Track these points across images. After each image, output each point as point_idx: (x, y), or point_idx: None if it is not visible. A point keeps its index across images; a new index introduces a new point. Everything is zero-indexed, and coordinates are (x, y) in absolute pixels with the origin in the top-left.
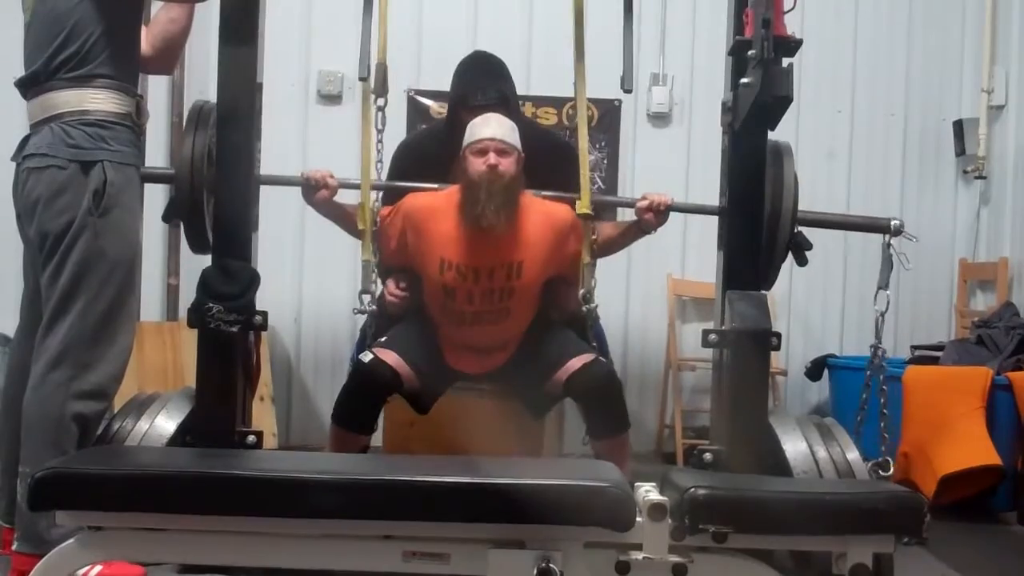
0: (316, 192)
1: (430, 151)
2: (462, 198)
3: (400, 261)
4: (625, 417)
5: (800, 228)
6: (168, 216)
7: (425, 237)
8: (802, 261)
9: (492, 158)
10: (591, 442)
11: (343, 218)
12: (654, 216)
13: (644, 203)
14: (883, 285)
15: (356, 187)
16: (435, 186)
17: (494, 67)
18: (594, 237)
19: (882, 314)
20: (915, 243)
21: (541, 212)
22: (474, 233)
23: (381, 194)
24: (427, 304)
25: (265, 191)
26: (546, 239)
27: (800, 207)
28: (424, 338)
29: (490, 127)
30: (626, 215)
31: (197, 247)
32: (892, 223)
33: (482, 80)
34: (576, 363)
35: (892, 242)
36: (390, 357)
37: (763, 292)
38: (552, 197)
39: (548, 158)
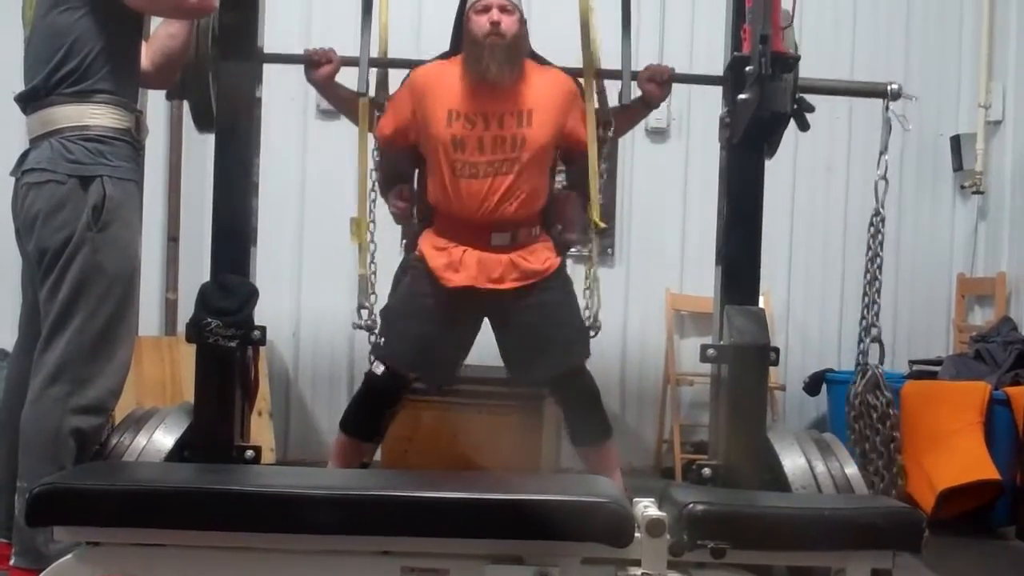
0: (318, 69)
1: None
2: (466, 56)
3: (405, 140)
4: (605, 424)
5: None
6: (171, 94)
7: (431, 97)
8: (804, 126)
9: (495, 14)
10: (576, 449)
11: (345, 101)
12: (657, 87)
13: (646, 73)
14: (883, 149)
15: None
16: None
17: None
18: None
19: (882, 177)
20: (913, 255)
21: (547, 75)
22: (481, 84)
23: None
24: (434, 180)
25: (263, 205)
26: (553, 96)
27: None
28: (418, 294)
29: None
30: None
31: (202, 124)
32: (889, 87)
33: None
34: (561, 370)
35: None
36: (394, 363)
37: (761, 308)
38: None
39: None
